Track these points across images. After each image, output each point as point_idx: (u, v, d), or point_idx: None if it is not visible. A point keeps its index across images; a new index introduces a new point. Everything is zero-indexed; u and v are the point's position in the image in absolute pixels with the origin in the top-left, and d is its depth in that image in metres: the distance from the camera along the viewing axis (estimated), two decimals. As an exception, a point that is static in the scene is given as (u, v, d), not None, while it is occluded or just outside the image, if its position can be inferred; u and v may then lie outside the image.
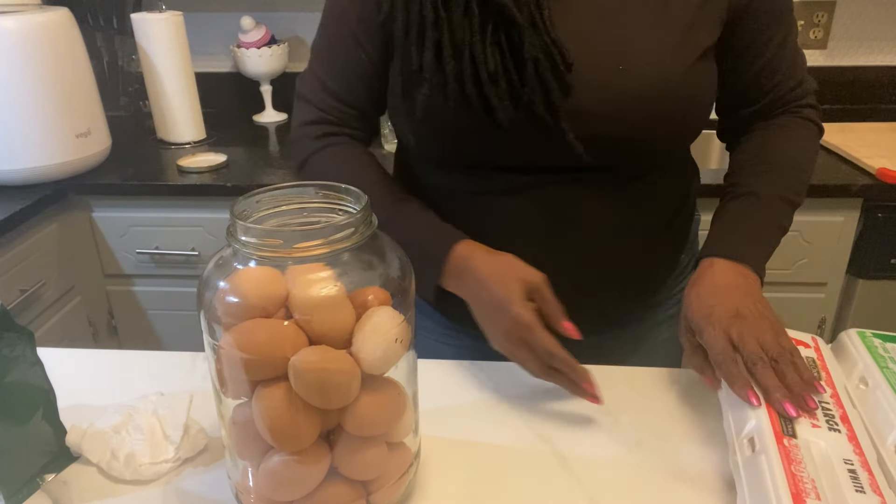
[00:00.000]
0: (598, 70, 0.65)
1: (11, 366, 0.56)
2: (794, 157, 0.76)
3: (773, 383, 0.57)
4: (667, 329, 0.87)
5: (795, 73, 0.76)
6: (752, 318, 0.62)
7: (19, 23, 1.30)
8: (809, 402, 0.56)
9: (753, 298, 0.65)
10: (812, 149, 0.78)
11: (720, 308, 0.63)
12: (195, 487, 0.59)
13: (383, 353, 0.48)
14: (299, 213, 0.52)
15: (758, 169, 0.75)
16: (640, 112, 0.66)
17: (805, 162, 0.76)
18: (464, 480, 0.59)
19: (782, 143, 0.76)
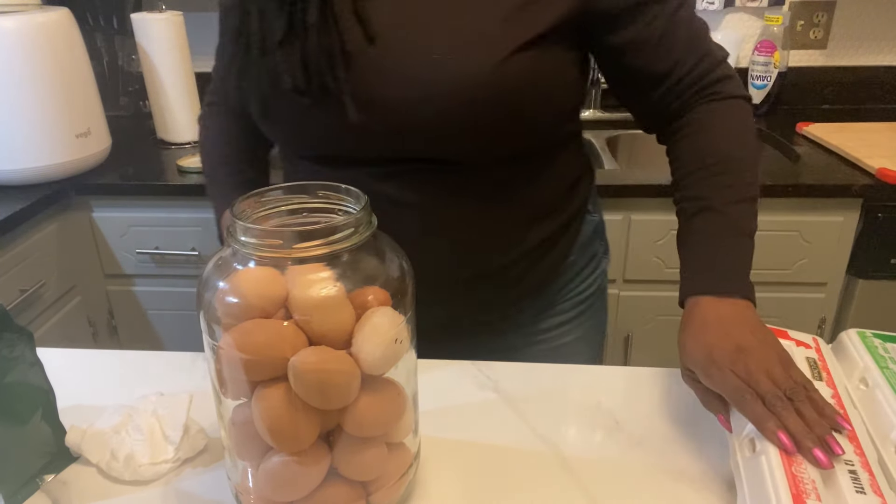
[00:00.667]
0: (411, 59, 0.63)
1: (11, 366, 0.56)
2: (736, 151, 0.70)
3: (800, 428, 0.53)
4: (569, 332, 0.87)
5: (696, 48, 0.71)
6: (756, 350, 0.58)
7: (19, 23, 1.30)
8: (836, 449, 0.51)
9: (751, 328, 0.61)
10: (749, 130, 0.73)
11: (719, 346, 0.59)
12: (195, 488, 0.59)
13: (383, 354, 0.48)
14: (299, 214, 0.52)
15: (704, 175, 0.70)
16: (456, 102, 0.63)
17: (749, 151, 0.71)
18: (464, 480, 0.59)
19: (720, 141, 0.71)
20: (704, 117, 0.71)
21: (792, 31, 1.78)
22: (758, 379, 0.56)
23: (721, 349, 0.59)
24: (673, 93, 0.72)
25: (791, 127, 1.65)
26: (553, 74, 0.68)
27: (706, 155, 0.70)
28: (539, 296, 0.84)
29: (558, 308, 0.86)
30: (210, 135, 0.91)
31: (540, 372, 0.74)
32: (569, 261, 0.84)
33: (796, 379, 0.56)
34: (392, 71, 0.64)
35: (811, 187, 1.32)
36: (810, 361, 0.63)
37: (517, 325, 0.86)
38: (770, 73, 1.73)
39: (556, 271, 0.83)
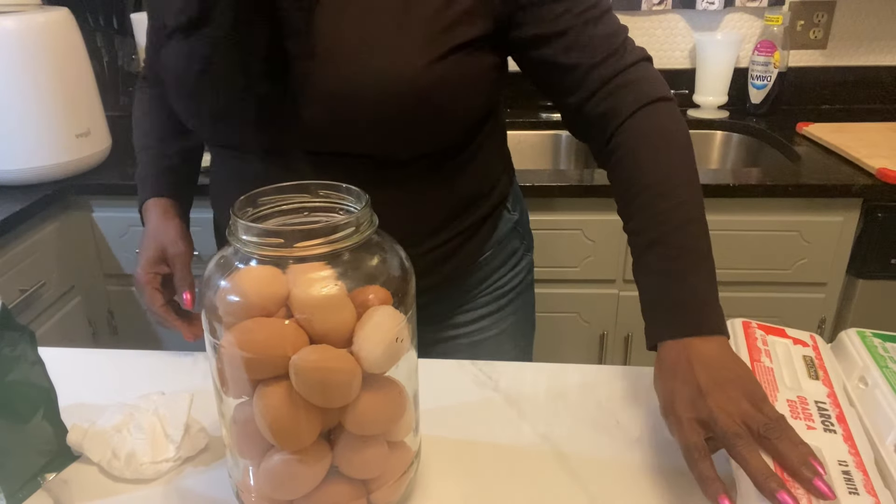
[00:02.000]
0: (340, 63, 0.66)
1: (12, 365, 0.56)
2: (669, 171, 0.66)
3: (760, 471, 0.49)
4: (489, 327, 0.90)
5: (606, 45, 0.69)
6: (719, 389, 0.54)
7: (19, 23, 1.30)
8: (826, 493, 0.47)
9: (718, 366, 0.56)
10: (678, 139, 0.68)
11: (681, 391, 0.56)
12: (196, 486, 0.59)
13: (384, 353, 0.48)
14: (300, 213, 0.52)
15: (642, 204, 0.66)
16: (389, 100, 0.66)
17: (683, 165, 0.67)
18: (464, 480, 0.59)
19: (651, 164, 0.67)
20: (630, 139, 0.69)
21: (792, 31, 1.79)
22: (716, 419, 0.52)
23: (682, 396, 0.56)
24: (584, 88, 0.70)
25: (791, 127, 1.65)
26: (470, 78, 0.70)
27: (639, 182, 0.67)
28: (453, 287, 0.86)
29: (477, 302, 0.89)
30: (139, 112, 0.92)
31: (540, 372, 0.74)
32: (485, 256, 0.86)
33: (769, 414, 0.52)
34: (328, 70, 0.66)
35: (811, 187, 1.32)
36: (807, 359, 0.63)
37: (432, 317, 0.87)
38: (770, 73, 1.73)
39: (470, 264, 0.85)
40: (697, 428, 0.54)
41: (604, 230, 1.40)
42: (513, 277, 0.91)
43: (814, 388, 0.59)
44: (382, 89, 0.65)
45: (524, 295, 0.94)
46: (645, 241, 0.65)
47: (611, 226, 1.40)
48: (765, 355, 0.63)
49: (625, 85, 0.69)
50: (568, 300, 1.49)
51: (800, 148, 1.52)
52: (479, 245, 0.85)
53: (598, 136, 0.72)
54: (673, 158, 0.67)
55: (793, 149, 1.52)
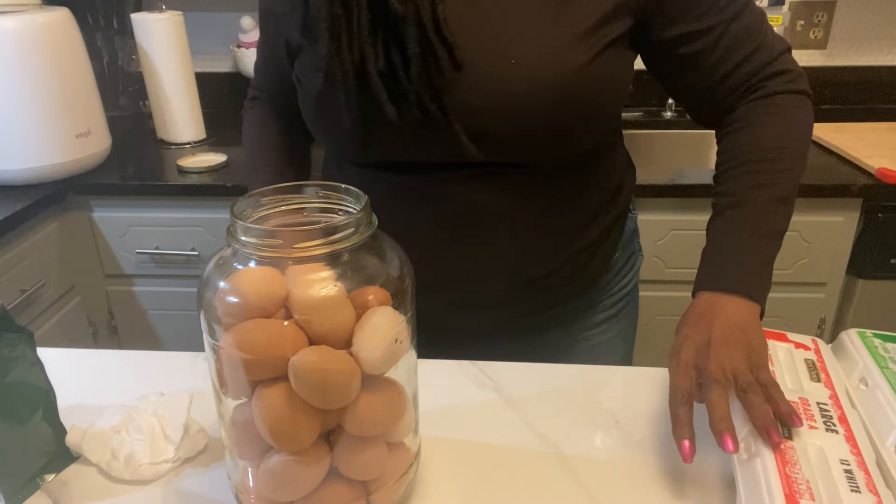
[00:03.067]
0: (488, 65, 0.64)
1: (11, 366, 0.56)
2: (776, 150, 0.69)
3: (718, 412, 0.53)
4: (607, 330, 0.87)
5: (749, 40, 0.69)
6: (726, 345, 0.57)
7: (19, 23, 1.30)
8: (772, 436, 0.52)
9: (734, 323, 0.60)
10: (797, 128, 0.71)
11: (691, 339, 0.59)
12: (195, 487, 0.59)
13: (383, 353, 0.48)
14: (299, 213, 0.52)
15: (740, 172, 0.69)
16: (534, 107, 0.64)
17: (790, 150, 0.69)
18: (464, 480, 0.59)
19: (761, 139, 0.70)
20: (751, 113, 0.71)
21: (792, 31, 1.79)
22: (709, 368, 0.56)
23: (691, 342, 0.59)
24: (724, 86, 0.71)
25: (791, 127, 1.65)
26: (616, 78, 0.69)
27: (745, 152, 0.70)
28: (585, 295, 0.84)
29: (599, 306, 0.86)
30: (252, 133, 0.90)
31: (540, 372, 0.74)
32: (615, 258, 0.85)
33: (761, 378, 0.56)
34: (476, 84, 0.64)
35: (811, 187, 1.32)
36: (809, 363, 0.63)
37: (560, 325, 0.86)
38: (770, 73, 1.73)
39: (601, 271, 0.84)
40: (691, 373, 0.57)
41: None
42: (630, 279, 0.89)
43: (816, 390, 0.59)
44: (532, 102, 0.64)
45: (635, 295, 0.92)
46: (727, 202, 0.68)
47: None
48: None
49: (764, 79, 0.70)
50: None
51: (800, 148, 1.52)
52: (612, 248, 0.84)
53: (723, 114, 0.73)
54: (790, 143, 0.69)
55: (793, 149, 1.52)
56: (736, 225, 0.67)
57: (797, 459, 0.51)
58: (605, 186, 0.79)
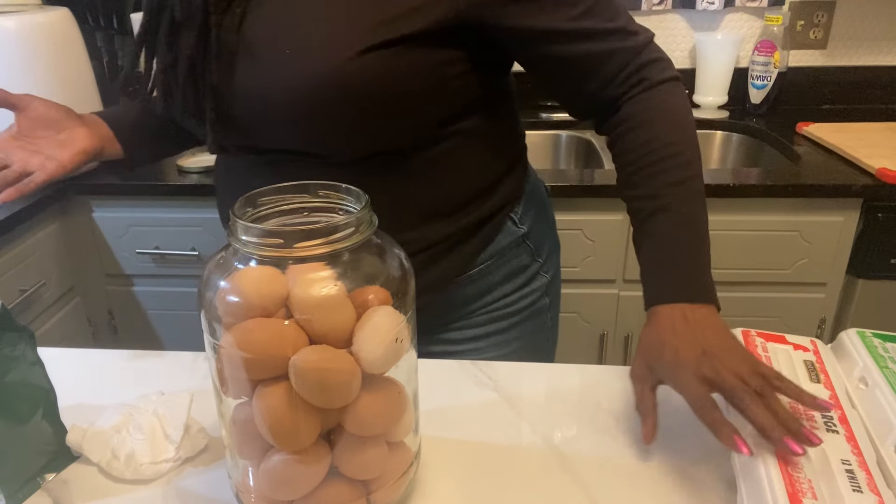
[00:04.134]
0: (273, 54, 0.65)
1: (12, 365, 0.56)
2: (680, 144, 0.68)
3: (768, 421, 0.53)
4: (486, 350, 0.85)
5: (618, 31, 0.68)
6: (722, 353, 0.58)
7: (19, 23, 1.30)
8: (812, 439, 0.52)
9: (716, 332, 0.61)
10: (687, 116, 0.70)
11: (686, 349, 0.60)
12: (196, 487, 0.59)
13: (383, 353, 0.48)
14: (300, 213, 0.52)
15: (653, 171, 0.68)
16: (309, 97, 0.64)
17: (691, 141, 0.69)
18: (464, 480, 0.59)
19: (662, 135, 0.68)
20: (643, 110, 0.70)
21: (792, 31, 1.79)
22: (724, 377, 0.56)
23: (688, 351, 0.59)
24: (596, 80, 0.70)
25: (791, 127, 1.65)
26: (412, 75, 0.66)
27: (651, 150, 0.68)
28: (443, 299, 0.81)
29: (473, 320, 0.84)
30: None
31: (540, 372, 0.74)
32: (479, 268, 0.81)
33: (765, 374, 0.57)
34: (251, 65, 0.66)
35: (811, 187, 1.32)
36: (808, 364, 0.63)
37: (424, 326, 0.80)
38: (770, 73, 1.73)
39: (458, 274, 0.80)
40: (704, 383, 0.57)
41: (604, 230, 1.40)
42: (520, 298, 0.85)
43: (816, 391, 0.59)
44: (293, 86, 0.64)
45: (535, 320, 0.88)
46: (652, 207, 0.67)
47: (611, 226, 1.40)
48: (765, 361, 0.63)
49: (639, 69, 0.69)
50: (568, 300, 1.48)
51: (800, 148, 1.52)
52: (471, 254, 0.80)
53: (604, 110, 0.73)
54: (687, 135, 0.69)
55: (793, 149, 1.52)
56: (675, 230, 0.66)
57: (799, 459, 0.51)
58: (448, 187, 0.76)
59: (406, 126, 0.70)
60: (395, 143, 0.71)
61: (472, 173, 0.78)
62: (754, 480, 0.51)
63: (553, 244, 0.90)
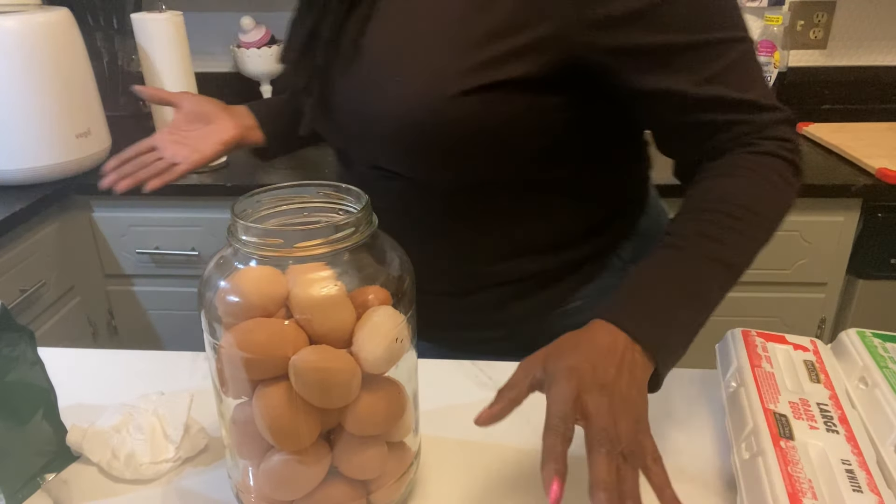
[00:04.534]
0: (381, 77, 0.64)
1: (12, 365, 0.56)
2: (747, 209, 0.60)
3: (603, 477, 0.46)
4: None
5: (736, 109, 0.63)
6: (619, 398, 0.50)
7: (19, 23, 1.30)
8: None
9: (632, 383, 0.52)
10: (782, 199, 0.63)
11: (591, 372, 0.51)
12: (195, 487, 0.59)
13: (384, 353, 0.48)
14: (300, 213, 0.52)
15: (696, 216, 0.61)
16: (405, 124, 0.63)
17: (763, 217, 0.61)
18: (464, 480, 0.59)
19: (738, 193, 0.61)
20: (734, 163, 0.63)
21: (792, 31, 1.79)
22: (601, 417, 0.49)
23: (590, 375, 0.51)
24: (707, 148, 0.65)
25: (791, 127, 1.65)
26: (512, 119, 0.63)
27: (709, 200, 0.62)
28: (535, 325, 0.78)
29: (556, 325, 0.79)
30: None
31: (540, 371, 0.74)
32: (577, 304, 0.77)
33: (645, 447, 0.49)
34: (359, 74, 0.66)
35: (811, 187, 1.32)
36: (808, 364, 0.63)
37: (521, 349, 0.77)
38: (770, 73, 1.73)
39: (555, 306, 0.78)
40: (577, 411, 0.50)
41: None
42: None
43: (815, 391, 0.59)
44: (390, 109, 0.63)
45: None
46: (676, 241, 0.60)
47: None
48: (765, 361, 0.63)
49: (765, 137, 0.63)
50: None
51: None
52: (570, 290, 0.77)
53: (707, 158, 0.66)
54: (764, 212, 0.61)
55: (793, 149, 1.52)
56: (669, 269, 0.58)
57: (799, 459, 0.51)
58: (547, 225, 0.73)
59: (501, 165, 0.67)
60: (489, 178, 0.69)
61: (577, 214, 0.74)
62: (754, 480, 0.51)
63: None
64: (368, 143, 0.69)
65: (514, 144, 0.66)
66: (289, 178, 1.44)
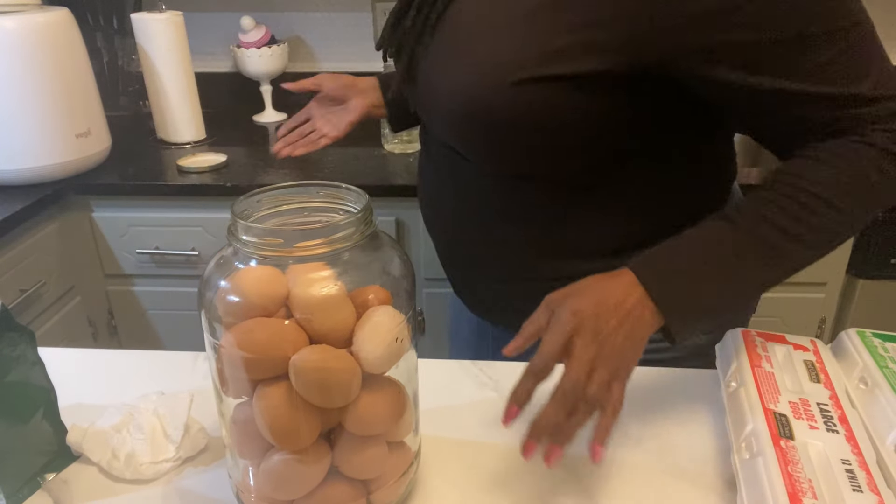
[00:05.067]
0: (454, 54, 0.65)
1: (12, 365, 0.56)
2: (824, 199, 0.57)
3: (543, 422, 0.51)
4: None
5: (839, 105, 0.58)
6: (609, 349, 0.52)
7: (19, 23, 1.30)
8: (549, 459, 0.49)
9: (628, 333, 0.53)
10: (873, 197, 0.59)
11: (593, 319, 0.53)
12: (196, 487, 0.59)
13: (384, 353, 0.48)
14: (300, 213, 0.52)
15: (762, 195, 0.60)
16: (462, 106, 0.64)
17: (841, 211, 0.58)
18: (464, 480, 0.59)
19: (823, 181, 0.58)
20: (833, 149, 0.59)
21: (792, 31, 1.78)
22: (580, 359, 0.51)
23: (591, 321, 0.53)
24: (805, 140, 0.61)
25: (791, 127, 1.64)
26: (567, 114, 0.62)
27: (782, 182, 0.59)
28: None
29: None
30: None
31: (540, 371, 0.74)
32: None
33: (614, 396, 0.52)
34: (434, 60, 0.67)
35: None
36: (808, 364, 0.63)
37: None
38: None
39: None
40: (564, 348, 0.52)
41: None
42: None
43: (815, 391, 0.59)
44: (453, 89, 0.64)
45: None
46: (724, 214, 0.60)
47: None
48: (765, 361, 0.63)
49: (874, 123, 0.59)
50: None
51: (800, 148, 1.52)
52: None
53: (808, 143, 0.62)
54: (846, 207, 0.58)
55: (793, 149, 1.52)
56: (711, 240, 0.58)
57: (799, 459, 0.51)
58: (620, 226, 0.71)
59: (556, 159, 0.66)
60: (541, 171, 0.68)
61: (644, 218, 0.71)
62: (754, 480, 0.51)
63: None
64: (437, 119, 0.71)
65: (571, 141, 0.64)
66: (289, 178, 1.44)
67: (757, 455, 0.53)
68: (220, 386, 0.51)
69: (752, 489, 0.51)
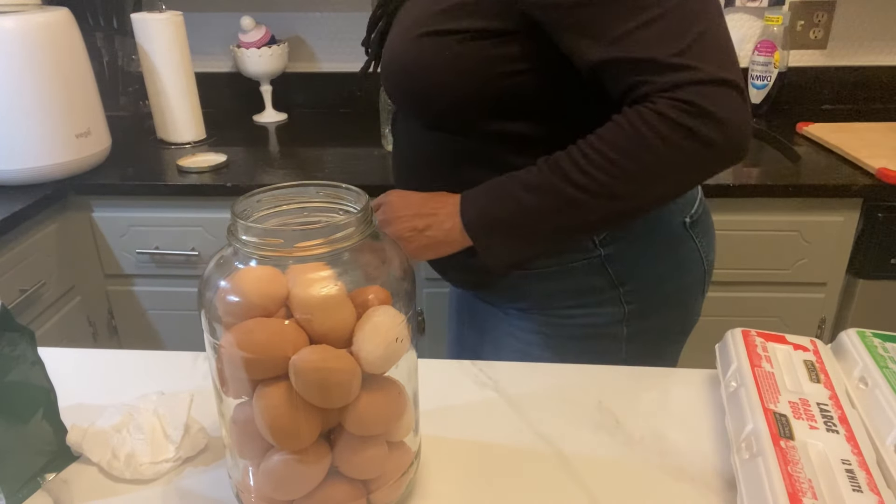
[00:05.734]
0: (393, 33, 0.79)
1: (12, 365, 0.56)
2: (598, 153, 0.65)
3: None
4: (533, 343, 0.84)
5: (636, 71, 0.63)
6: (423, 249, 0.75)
7: (19, 23, 1.30)
8: None
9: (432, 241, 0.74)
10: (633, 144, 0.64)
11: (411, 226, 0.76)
12: (196, 487, 0.59)
13: (384, 353, 0.48)
14: (300, 213, 0.52)
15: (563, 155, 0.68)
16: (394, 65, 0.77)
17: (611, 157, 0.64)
18: (464, 480, 0.59)
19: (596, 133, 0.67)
20: (621, 115, 0.65)
21: (792, 31, 1.79)
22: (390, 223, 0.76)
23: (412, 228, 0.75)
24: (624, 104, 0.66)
25: (791, 127, 1.65)
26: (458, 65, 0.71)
27: (588, 136, 0.67)
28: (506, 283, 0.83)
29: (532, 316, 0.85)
30: None
31: (540, 372, 0.74)
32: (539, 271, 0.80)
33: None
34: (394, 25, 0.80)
35: (811, 187, 1.32)
36: (808, 364, 0.63)
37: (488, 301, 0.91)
38: (770, 73, 1.73)
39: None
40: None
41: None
42: (583, 315, 0.81)
43: (815, 391, 0.59)
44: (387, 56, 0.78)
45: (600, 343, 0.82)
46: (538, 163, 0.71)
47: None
48: (765, 361, 0.63)
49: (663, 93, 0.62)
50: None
51: (800, 148, 1.52)
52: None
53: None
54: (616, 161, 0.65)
55: (793, 149, 1.52)
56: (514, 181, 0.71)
57: (798, 459, 0.51)
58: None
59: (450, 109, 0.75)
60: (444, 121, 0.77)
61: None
62: (754, 480, 0.51)
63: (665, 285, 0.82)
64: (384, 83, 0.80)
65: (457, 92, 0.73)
66: (289, 178, 1.44)
67: (757, 455, 0.53)
68: (220, 386, 0.51)
69: (751, 489, 0.51)
